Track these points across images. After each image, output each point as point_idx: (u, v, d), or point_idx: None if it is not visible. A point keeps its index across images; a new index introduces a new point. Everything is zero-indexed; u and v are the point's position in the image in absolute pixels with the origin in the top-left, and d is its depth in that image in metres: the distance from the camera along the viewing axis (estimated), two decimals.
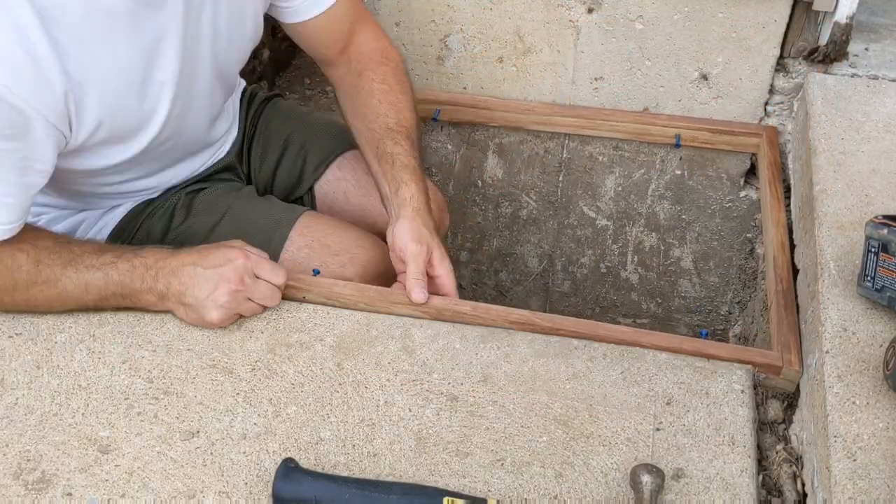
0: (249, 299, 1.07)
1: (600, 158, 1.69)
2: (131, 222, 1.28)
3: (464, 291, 1.95)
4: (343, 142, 1.40)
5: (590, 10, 1.52)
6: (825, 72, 1.48)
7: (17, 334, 1.08)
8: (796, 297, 1.21)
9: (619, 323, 1.91)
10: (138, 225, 1.28)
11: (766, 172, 1.47)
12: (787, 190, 1.53)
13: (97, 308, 1.08)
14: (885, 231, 0.97)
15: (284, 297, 1.13)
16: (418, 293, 1.10)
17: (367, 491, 0.85)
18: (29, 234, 1.03)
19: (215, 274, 1.03)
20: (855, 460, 0.87)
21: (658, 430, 0.98)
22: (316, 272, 1.21)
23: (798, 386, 1.08)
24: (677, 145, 1.60)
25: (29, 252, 1.01)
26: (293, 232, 1.25)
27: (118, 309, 1.08)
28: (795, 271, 1.26)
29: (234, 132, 1.37)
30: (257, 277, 1.06)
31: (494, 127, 1.70)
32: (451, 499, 0.85)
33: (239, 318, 1.08)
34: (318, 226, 1.27)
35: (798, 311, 1.17)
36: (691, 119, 1.59)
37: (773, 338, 1.15)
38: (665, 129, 1.59)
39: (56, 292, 1.04)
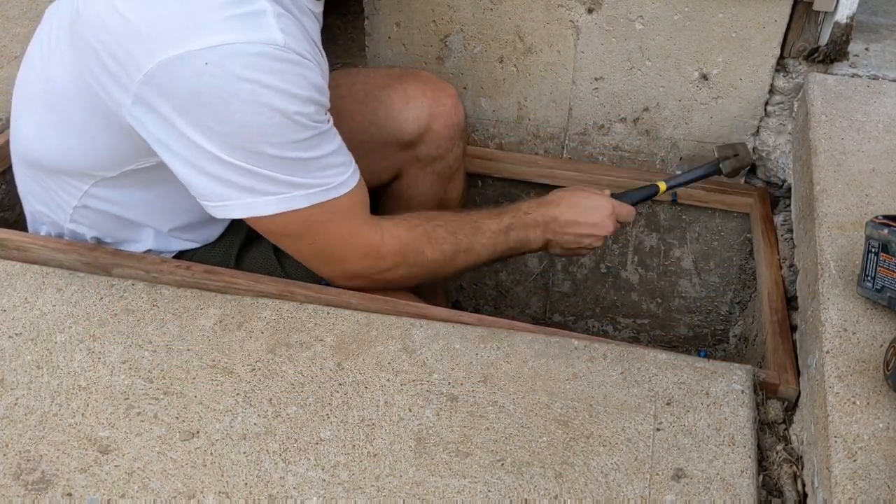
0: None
1: (601, 159, 1.69)
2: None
3: (464, 291, 1.95)
4: None
5: (590, 11, 1.52)
6: (825, 72, 1.48)
7: (16, 334, 1.08)
8: (789, 314, 1.24)
9: (619, 323, 1.91)
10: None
11: (760, 224, 1.54)
12: (783, 195, 1.53)
13: (491, 260, 1.28)
14: (886, 231, 0.97)
15: (286, 299, 1.13)
16: None
17: None
18: (429, 213, 1.23)
19: (593, 229, 1.31)
20: (855, 460, 0.87)
21: (658, 430, 0.98)
22: (324, 282, 1.21)
23: (798, 387, 1.08)
24: (674, 201, 1.66)
25: (445, 226, 1.20)
26: None
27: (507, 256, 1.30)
28: (789, 301, 1.29)
29: None
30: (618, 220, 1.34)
31: (498, 179, 1.76)
32: None
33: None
34: None
35: (793, 335, 1.20)
36: None
37: (770, 361, 1.17)
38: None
39: (472, 258, 1.23)
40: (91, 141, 1.09)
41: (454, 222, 1.21)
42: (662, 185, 1.42)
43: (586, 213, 1.30)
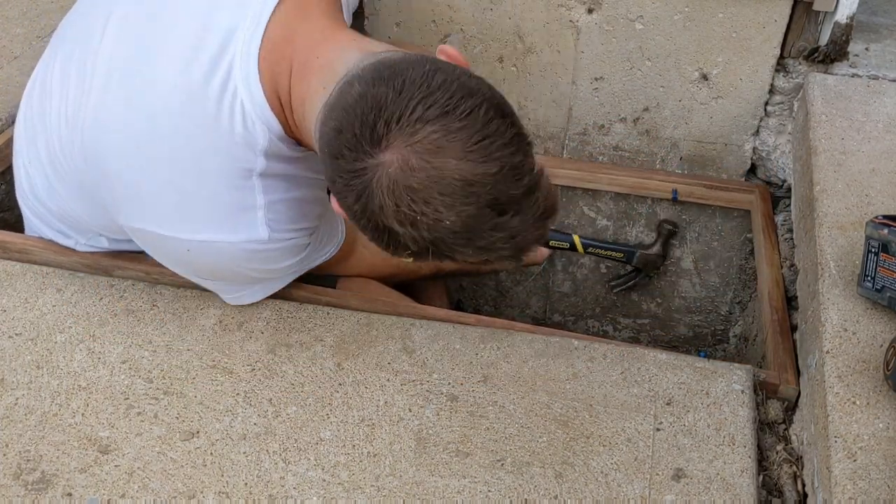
0: None
1: (601, 159, 1.69)
2: None
3: (464, 291, 1.95)
4: None
5: (590, 11, 1.52)
6: (825, 72, 1.48)
7: (17, 334, 1.08)
8: (789, 313, 1.24)
9: (619, 323, 1.91)
10: None
11: (760, 221, 1.54)
12: (783, 195, 1.53)
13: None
14: (886, 231, 0.97)
15: (285, 299, 1.13)
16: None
17: None
18: None
19: None
20: (855, 460, 0.87)
21: (658, 430, 0.98)
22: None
23: (798, 387, 1.08)
24: (674, 199, 1.66)
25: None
26: None
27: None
28: (789, 300, 1.29)
29: None
30: None
31: None
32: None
33: None
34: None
35: (793, 335, 1.20)
36: (688, 175, 1.66)
37: (771, 361, 1.17)
38: (662, 184, 1.66)
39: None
40: (100, 216, 1.09)
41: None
42: (579, 246, 1.60)
43: None
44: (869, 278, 1.00)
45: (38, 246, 1.20)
